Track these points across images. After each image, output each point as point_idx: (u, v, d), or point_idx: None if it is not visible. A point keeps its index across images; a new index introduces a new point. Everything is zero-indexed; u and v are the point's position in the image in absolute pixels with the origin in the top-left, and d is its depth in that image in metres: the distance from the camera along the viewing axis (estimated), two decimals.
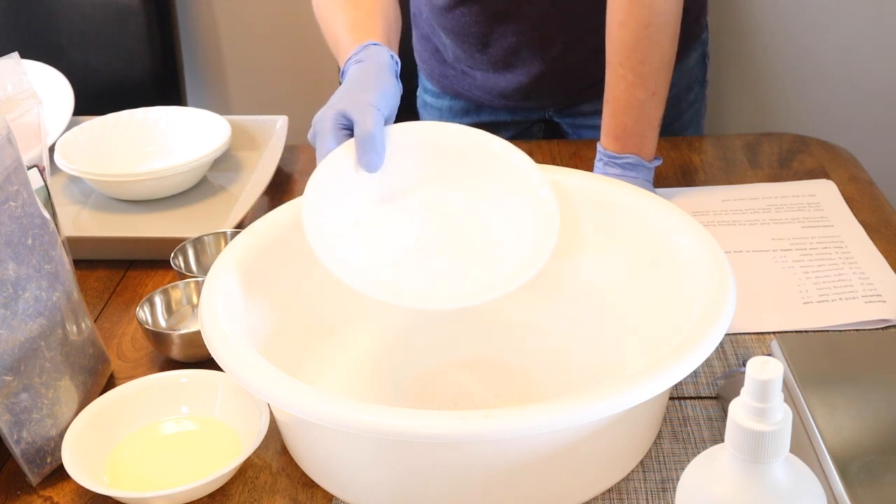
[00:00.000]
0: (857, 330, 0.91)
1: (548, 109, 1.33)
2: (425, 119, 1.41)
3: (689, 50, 1.27)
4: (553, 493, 0.72)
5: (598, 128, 1.08)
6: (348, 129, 0.87)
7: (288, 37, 1.84)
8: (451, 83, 1.33)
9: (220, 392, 0.83)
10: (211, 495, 0.76)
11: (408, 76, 0.96)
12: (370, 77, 0.92)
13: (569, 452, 0.69)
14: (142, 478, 0.77)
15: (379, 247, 0.85)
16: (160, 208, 1.17)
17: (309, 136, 0.90)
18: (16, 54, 0.87)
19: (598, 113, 1.08)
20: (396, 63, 0.95)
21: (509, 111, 1.33)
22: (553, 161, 1.23)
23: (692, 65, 1.29)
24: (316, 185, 0.83)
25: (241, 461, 0.75)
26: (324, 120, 0.88)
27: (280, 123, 1.29)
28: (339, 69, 0.99)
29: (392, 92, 0.90)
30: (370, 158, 0.85)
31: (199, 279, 0.96)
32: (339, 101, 0.89)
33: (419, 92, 1.41)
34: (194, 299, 0.96)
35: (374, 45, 0.96)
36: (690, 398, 0.84)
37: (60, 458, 0.77)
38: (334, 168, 0.85)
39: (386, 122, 0.88)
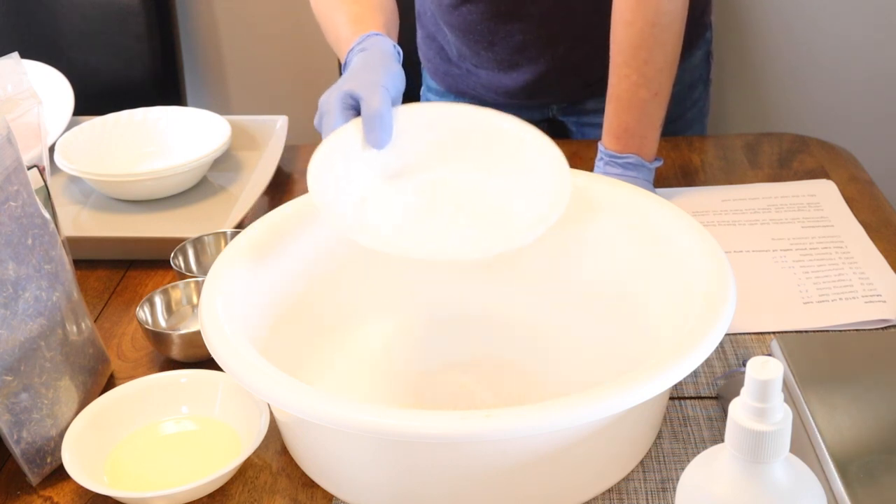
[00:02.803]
0: (857, 330, 0.91)
1: (552, 108, 1.33)
2: None
3: (693, 48, 1.27)
4: (553, 493, 0.72)
5: (602, 126, 1.08)
6: (355, 109, 0.86)
7: (288, 37, 1.85)
8: (455, 82, 1.33)
9: (220, 392, 0.83)
10: (211, 495, 0.76)
11: (411, 75, 0.96)
12: (375, 62, 0.91)
13: (569, 452, 0.69)
14: (142, 478, 0.77)
15: (387, 216, 0.83)
16: (160, 208, 1.17)
17: (315, 120, 0.89)
18: (16, 54, 0.87)
19: (603, 111, 1.08)
20: (399, 53, 0.95)
21: (514, 109, 1.32)
22: None
23: (696, 63, 1.29)
24: (321, 158, 0.82)
25: (241, 461, 0.75)
26: (330, 100, 0.87)
27: (280, 123, 1.29)
28: (341, 63, 0.98)
29: (398, 76, 0.90)
30: (378, 135, 0.84)
31: (199, 279, 0.96)
32: (345, 83, 0.88)
33: (423, 90, 1.41)
34: (194, 299, 0.96)
35: (376, 34, 0.96)
36: (690, 398, 0.84)
37: (60, 458, 0.77)
38: (341, 144, 0.84)
39: (393, 104, 0.87)
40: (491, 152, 0.87)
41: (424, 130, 0.87)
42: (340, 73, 0.98)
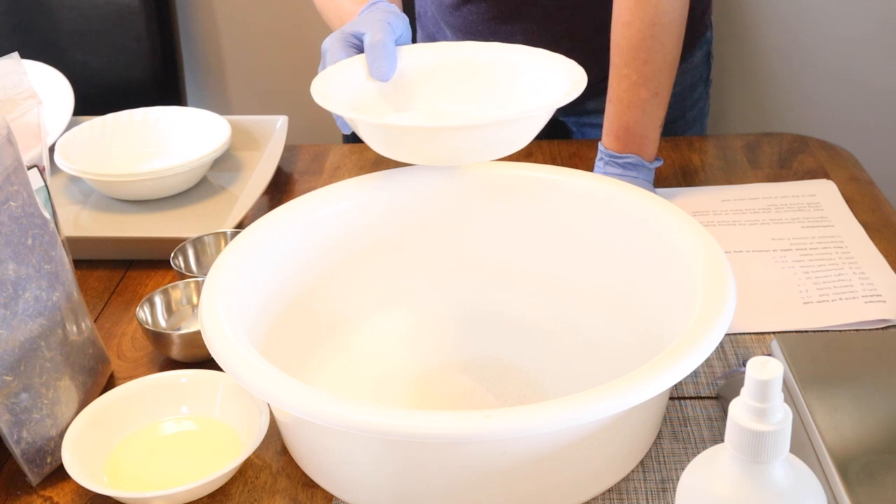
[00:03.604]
0: (857, 330, 0.91)
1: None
2: None
3: (693, 48, 1.27)
4: (553, 493, 0.72)
5: (602, 126, 1.08)
6: (359, 49, 0.85)
7: (288, 37, 1.85)
8: None
9: (220, 392, 0.83)
10: (211, 495, 0.76)
11: None
12: (378, 11, 0.91)
13: (569, 452, 0.69)
14: (142, 478, 0.78)
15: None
16: (160, 208, 1.17)
17: (319, 67, 0.88)
18: (16, 54, 0.87)
19: (603, 111, 1.08)
20: (405, 18, 0.94)
21: None
22: (553, 161, 1.23)
23: (697, 63, 1.29)
24: (323, 80, 0.80)
25: (241, 461, 0.75)
26: (332, 39, 0.85)
27: (280, 123, 1.29)
28: None
29: (402, 20, 0.88)
30: (381, 65, 0.82)
31: (199, 279, 0.96)
32: (348, 26, 0.86)
33: None
34: (194, 299, 0.96)
35: (381, 0, 0.95)
36: (690, 398, 0.84)
37: (60, 458, 0.77)
38: (343, 74, 0.82)
39: (398, 44, 0.85)
40: (498, 83, 0.85)
41: (429, 65, 0.85)
42: None
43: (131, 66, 1.76)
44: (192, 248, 1.02)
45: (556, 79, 0.86)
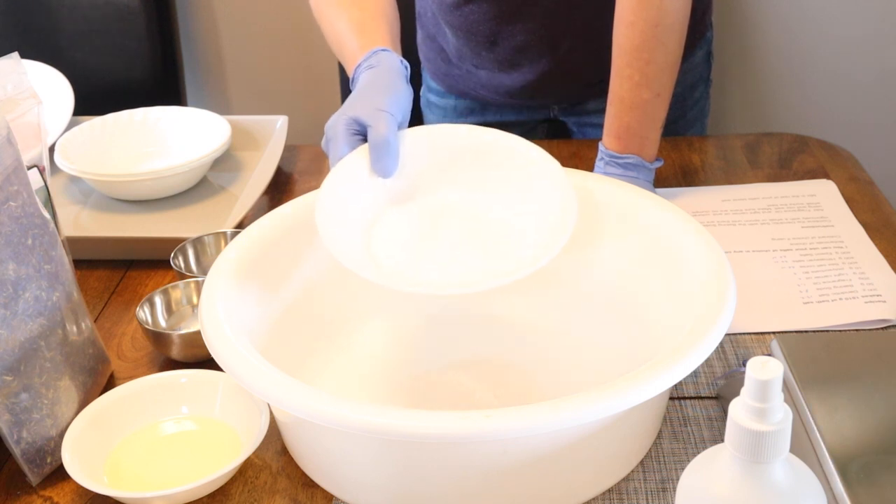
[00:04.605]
0: (857, 330, 0.91)
1: (552, 108, 1.33)
2: (429, 118, 1.41)
3: (694, 48, 1.27)
4: (553, 493, 0.72)
5: (602, 126, 1.08)
6: (361, 135, 0.87)
7: (288, 37, 1.85)
8: (455, 82, 1.33)
9: (220, 392, 0.83)
10: (211, 495, 0.76)
11: (411, 76, 0.96)
12: (382, 82, 0.91)
13: (569, 452, 0.69)
14: (142, 478, 0.77)
15: (394, 245, 0.84)
16: (160, 208, 1.17)
17: (322, 144, 0.90)
18: (16, 54, 0.87)
19: (604, 111, 1.08)
20: (406, 68, 0.95)
21: (515, 110, 1.33)
22: None
23: (697, 63, 1.30)
24: (329, 189, 0.83)
25: (241, 461, 0.75)
26: (336, 126, 0.87)
27: (280, 123, 1.29)
28: (350, 77, 0.98)
29: (405, 97, 0.90)
30: (384, 164, 0.85)
31: (199, 279, 0.96)
32: (351, 108, 0.88)
33: (423, 91, 1.42)
34: (194, 299, 0.96)
35: (384, 51, 0.96)
36: (690, 398, 0.84)
37: (60, 458, 0.77)
38: (348, 173, 0.85)
39: (399, 128, 0.87)
40: (497, 172, 0.88)
41: (430, 153, 0.88)
42: (342, 78, 0.98)
43: (131, 66, 1.76)
44: (192, 248, 1.02)
45: (546, 181, 0.87)
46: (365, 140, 0.86)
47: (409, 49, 1.16)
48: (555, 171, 0.86)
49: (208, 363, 0.84)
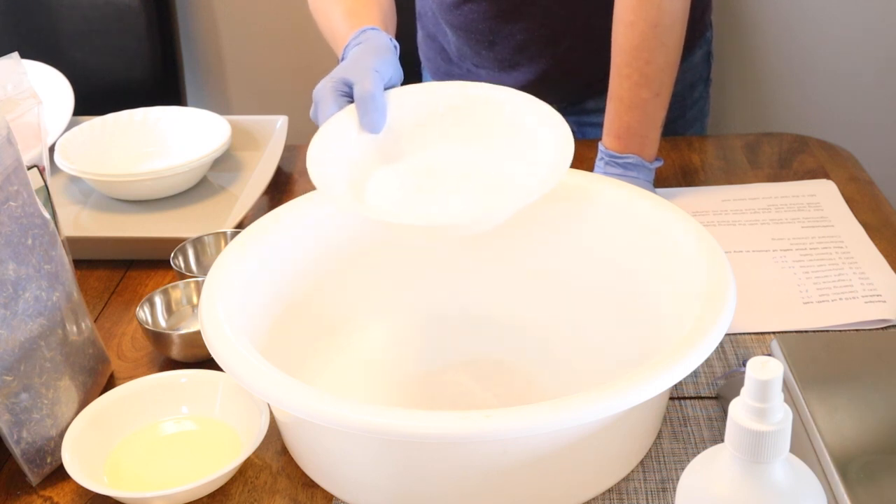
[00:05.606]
0: (857, 330, 0.91)
1: (552, 107, 1.33)
2: None
3: (694, 48, 1.27)
4: (553, 493, 0.72)
5: (602, 126, 1.08)
6: (349, 97, 0.86)
7: (288, 37, 1.85)
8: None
9: (220, 392, 0.83)
10: (211, 495, 0.76)
11: (411, 76, 0.96)
12: (369, 51, 0.91)
13: (569, 452, 0.69)
14: (142, 478, 0.78)
15: (386, 196, 0.83)
16: (160, 208, 1.17)
17: (311, 112, 0.89)
18: (16, 54, 0.87)
19: (603, 111, 1.08)
20: (396, 46, 0.95)
21: None
22: None
23: (697, 62, 1.29)
24: (318, 146, 0.82)
25: (241, 461, 0.75)
26: (323, 89, 0.87)
27: (280, 123, 1.29)
28: (339, 58, 0.98)
29: (392, 63, 0.90)
30: (372, 118, 0.84)
31: (199, 279, 0.96)
32: (338, 72, 0.88)
33: None
34: (194, 299, 0.96)
35: (373, 29, 0.96)
36: (690, 398, 0.84)
37: (60, 458, 0.77)
38: (336, 131, 0.84)
39: (387, 88, 0.87)
40: (487, 125, 0.86)
41: (420, 110, 0.87)
42: (339, 60, 0.98)
43: (131, 66, 1.76)
44: (192, 248, 1.02)
45: (540, 127, 0.86)
46: (353, 101, 0.85)
47: (409, 49, 1.16)
48: (546, 113, 0.85)
49: (208, 363, 0.84)
